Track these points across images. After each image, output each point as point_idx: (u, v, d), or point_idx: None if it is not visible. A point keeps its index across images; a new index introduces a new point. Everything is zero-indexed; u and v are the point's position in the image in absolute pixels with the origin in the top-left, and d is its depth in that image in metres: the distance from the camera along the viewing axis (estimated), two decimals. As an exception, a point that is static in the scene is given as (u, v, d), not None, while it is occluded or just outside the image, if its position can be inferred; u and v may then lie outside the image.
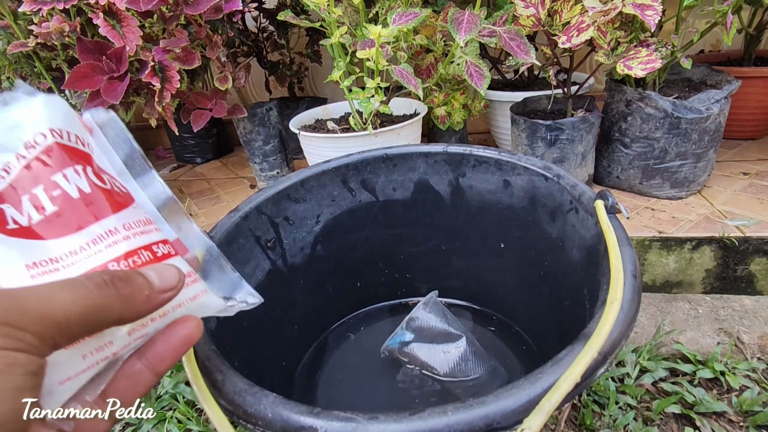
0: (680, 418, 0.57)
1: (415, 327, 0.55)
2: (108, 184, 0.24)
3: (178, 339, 0.22)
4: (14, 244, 0.21)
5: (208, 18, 0.90)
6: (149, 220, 0.25)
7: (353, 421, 0.23)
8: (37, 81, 0.92)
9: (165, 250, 0.24)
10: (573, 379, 0.24)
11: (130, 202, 0.24)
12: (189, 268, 0.25)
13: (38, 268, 0.21)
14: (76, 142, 0.23)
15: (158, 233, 0.25)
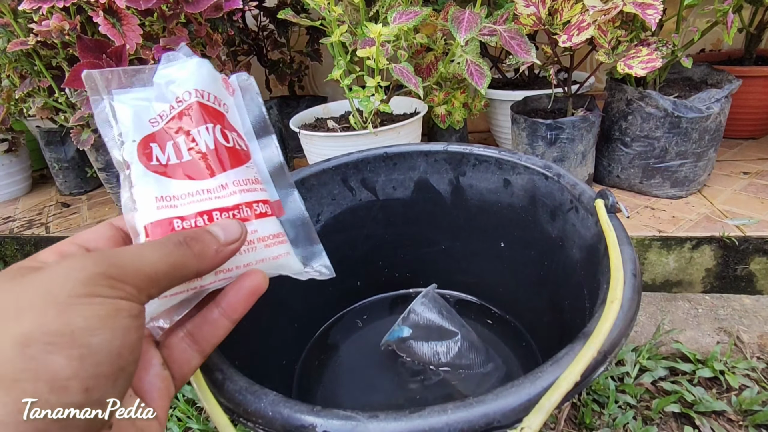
0: (680, 417, 0.58)
1: (412, 322, 0.55)
2: (231, 142, 0.27)
3: (246, 290, 0.25)
4: (152, 177, 0.25)
5: (208, 16, 0.90)
6: (257, 179, 0.28)
7: (353, 419, 0.23)
8: (37, 79, 0.92)
9: (263, 209, 0.27)
10: (573, 378, 0.24)
11: (246, 160, 0.28)
12: (280, 229, 0.28)
13: (162, 202, 0.25)
14: (214, 102, 0.27)
15: (262, 193, 0.28)
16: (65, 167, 1.26)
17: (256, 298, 0.26)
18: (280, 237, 0.28)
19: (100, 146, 0.98)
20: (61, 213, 1.20)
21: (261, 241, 0.27)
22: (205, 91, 0.27)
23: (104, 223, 0.26)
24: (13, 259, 1.13)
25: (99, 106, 0.26)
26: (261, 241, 0.27)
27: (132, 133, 0.26)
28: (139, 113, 0.26)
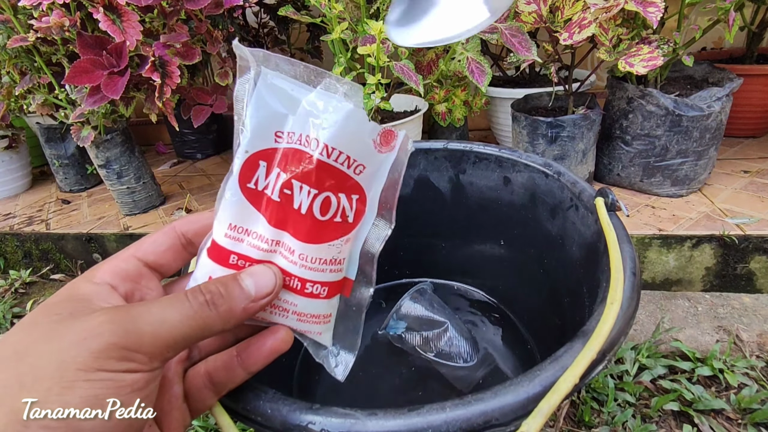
0: (679, 416, 0.58)
1: (403, 315, 0.56)
2: (330, 215, 0.24)
3: (268, 349, 0.25)
4: (240, 201, 0.23)
5: (208, 13, 0.89)
6: (335, 260, 0.25)
7: (352, 417, 0.24)
8: (37, 76, 0.92)
9: (317, 291, 0.25)
10: (572, 379, 0.24)
11: (334, 237, 0.24)
12: (327, 311, 0.26)
13: (233, 232, 0.23)
14: (343, 163, 0.23)
15: (331, 274, 0.25)
16: (65, 164, 1.26)
17: (277, 356, 0.25)
18: (322, 318, 0.26)
19: (100, 143, 0.98)
20: (61, 210, 1.20)
21: (295, 314, 0.25)
22: (337, 150, 0.23)
23: (167, 229, 0.25)
24: (13, 256, 1.13)
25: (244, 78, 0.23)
26: (296, 314, 0.25)
27: (249, 141, 0.23)
28: (270, 115, 0.23)
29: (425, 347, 0.54)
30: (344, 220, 0.24)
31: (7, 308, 0.95)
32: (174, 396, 0.24)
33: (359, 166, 0.24)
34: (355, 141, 0.23)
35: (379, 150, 0.24)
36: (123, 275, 0.22)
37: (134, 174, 1.05)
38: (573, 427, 0.57)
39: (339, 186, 0.24)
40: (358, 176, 0.24)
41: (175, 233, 0.25)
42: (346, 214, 0.24)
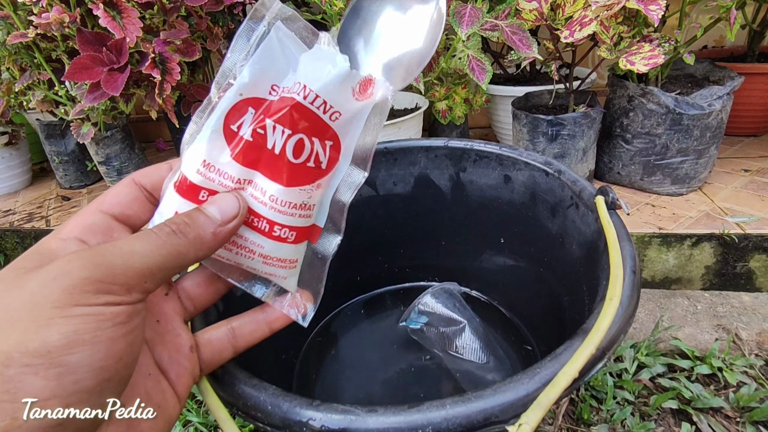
0: (677, 414, 0.58)
1: (423, 310, 0.56)
2: (303, 158, 0.23)
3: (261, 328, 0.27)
4: (218, 138, 0.23)
5: (208, 10, 0.89)
6: (305, 205, 0.25)
7: (352, 413, 0.24)
8: (37, 72, 0.91)
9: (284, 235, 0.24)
10: (571, 374, 0.24)
11: (306, 182, 0.24)
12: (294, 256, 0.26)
13: (205, 169, 0.23)
14: (320, 108, 0.23)
15: (300, 219, 0.25)
16: (65, 160, 1.26)
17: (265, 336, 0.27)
18: (288, 263, 0.26)
19: (101, 140, 0.98)
20: (61, 206, 1.20)
21: (261, 257, 0.25)
22: (314, 93, 0.23)
23: (126, 181, 0.24)
24: (13, 252, 1.13)
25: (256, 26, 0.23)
26: (262, 257, 0.25)
27: (246, 85, 0.23)
28: (271, 68, 0.23)
29: (441, 344, 0.55)
30: (317, 166, 0.24)
31: (7, 305, 0.95)
32: (181, 345, 0.24)
33: (335, 113, 0.24)
34: (332, 87, 0.23)
35: (356, 98, 0.24)
36: (92, 228, 0.22)
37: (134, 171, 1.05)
38: (572, 424, 0.58)
39: (313, 130, 0.23)
40: (333, 123, 0.24)
41: (135, 184, 0.24)
42: (320, 160, 0.24)
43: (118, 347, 0.17)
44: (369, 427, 0.23)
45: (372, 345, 0.59)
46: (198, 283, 0.27)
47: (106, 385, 0.17)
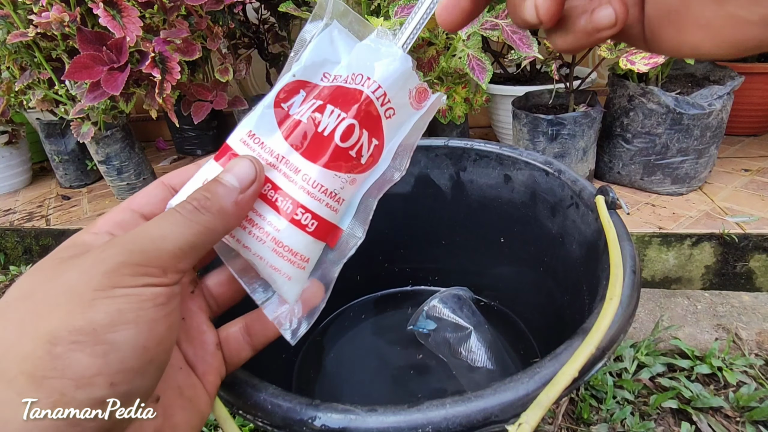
0: (677, 413, 0.58)
1: (431, 314, 0.56)
2: (351, 143, 0.23)
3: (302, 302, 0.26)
4: (269, 113, 0.24)
5: (208, 9, 0.89)
6: (336, 196, 0.24)
7: (352, 413, 0.24)
8: (37, 71, 0.91)
9: (308, 222, 0.23)
10: (571, 374, 0.24)
11: (346, 170, 0.24)
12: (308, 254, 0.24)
13: (249, 138, 0.24)
14: (383, 104, 0.24)
15: (327, 210, 0.24)
16: (65, 160, 1.26)
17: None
18: (299, 259, 0.24)
19: (101, 139, 0.98)
20: (61, 205, 1.20)
21: (273, 242, 0.23)
22: (384, 91, 0.24)
23: (156, 183, 0.25)
24: (13, 251, 1.13)
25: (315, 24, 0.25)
26: (274, 242, 0.23)
27: (300, 69, 0.24)
28: (325, 58, 0.25)
29: (447, 349, 0.55)
30: (358, 158, 0.24)
31: (7, 304, 0.95)
32: (207, 342, 0.25)
33: (390, 108, 0.24)
34: (399, 87, 0.24)
35: (411, 103, 0.25)
36: (122, 225, 0.22)
37: (134, 170, 1.05)
38: (572, 424, 0.58)
39: (366, 120, 0.24)
40: (387, 120, 0.24)
41: (165, 186, 0.25)
42: (362, 153, 0.24)
43: (159, 329, 0.18)
44: (369, 426, 0.23)
45: (372, 345, 0.59)
46: (221, 282, 0.27)
47: (148, 367, 0.17)
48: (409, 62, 0.24)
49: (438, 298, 0.58)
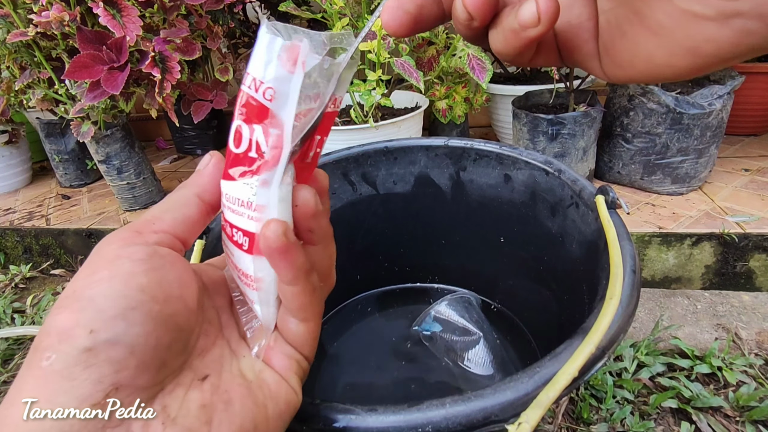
0: (677, 413, 0.58)
1: (438, 317, 0.56)
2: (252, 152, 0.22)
3: None
4: None
5: (208, 8, 0.89)
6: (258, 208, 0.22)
7: (352, 412, 0.24)
8: (37, 71, 0.91)
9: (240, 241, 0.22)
10: (571, 373, 0.24)
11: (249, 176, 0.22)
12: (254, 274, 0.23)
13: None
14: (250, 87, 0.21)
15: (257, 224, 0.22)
16: (65, 159, 1.26)
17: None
18: (251, 280, 0.22)
19: (100, 138, 0.98)
20: (61, 205, 1.20)
21: (233, 266, 0.23)
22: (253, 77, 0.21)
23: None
24: (13, 251, 1.13)
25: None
26: (234, 266, 0.23)
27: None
28: None
29: (451, 354, 0.55)
30: (260, 156, 0.21)
31: (7, 303, 0.95)
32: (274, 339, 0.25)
33: (268, 89, 0.21)
34: (261, 61, 0.21)
35: (288, 70, 0.21)
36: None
37: (134, 169, 1.05)
38: (572, 423, 0.58)
39: (251, 116, 0.21)
40: (271, 102, 0.21)
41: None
42: (261, 149, 0.21)
43: (137, 280, 0.18)
44: (369, 425, 0.23)
45: (372, 344, 0.59)
46: None
47: (129, 313, 0.18)
48: (263, 32, 0.21)
49: (446, 302, 0.58)
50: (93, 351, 0.17)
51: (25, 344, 0.85)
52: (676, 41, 0.15)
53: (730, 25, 0.14)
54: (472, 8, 0.17)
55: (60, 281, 1.06)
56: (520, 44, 0.17)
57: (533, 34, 0.16)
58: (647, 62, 0.16)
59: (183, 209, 0.22)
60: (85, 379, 0.16)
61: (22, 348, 0.84)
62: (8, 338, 0.85)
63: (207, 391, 0.20)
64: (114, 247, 0.19)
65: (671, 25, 0.15)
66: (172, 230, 0.21)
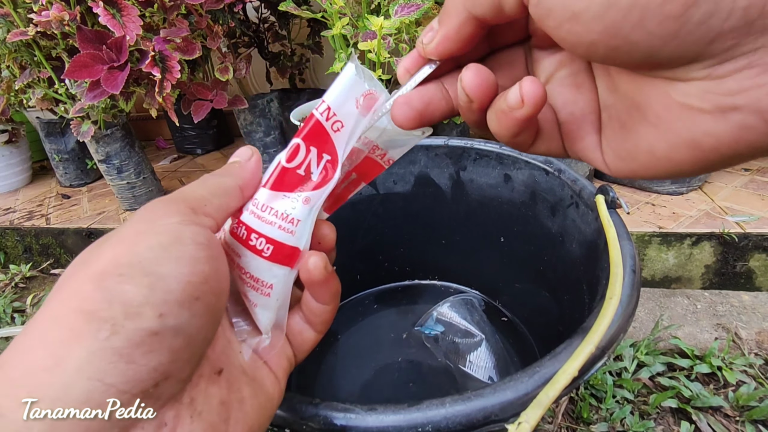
0: (677, 413, 0.58)
1: (441, 319, 0.56)
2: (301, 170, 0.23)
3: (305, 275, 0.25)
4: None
5: (208, 8, 0.89)
6: (293, 221, 0.23)
7: (352, 412, 0.24)
8: (37, 70, 0.91)
9: (262, 247, 0.23)
10: (571, 373, 0.24)
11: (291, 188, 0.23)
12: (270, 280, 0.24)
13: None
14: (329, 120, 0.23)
15: (289, 236, 0.23)
16: (65, 159, 1.26)
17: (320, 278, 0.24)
18: (261, 285, 0.23)
19: (101, 138, 0.98)
20: (61, 204, 1.20)
21: (239, 269, 0.23)
22: (328, 106, 0.23)
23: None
24: (13, 250, 1.13)
25: None
26: (239, 268, 0.23)
27: None
28: None
29: (454, 355, 0.55)
30: (308, 176, 0.23)
31: (7, 302, 0.96)
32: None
33: (337, 121, 0.23)
34: (341, 97, 0.23)
35: (360, 112, 0.24)
36: None
37: (134, 169, 1.05)
38: (571, 423, 0.58)
39: (312, 139, 0.23)
40: (335, 134, 0.23)
41: None
42: (311, 170, 0.23)
43: (202, 267, 0.18)
44: (369, 425, 0.23)
45: (372, 343, 0.60)
46: None
47: (194, 304, 0.17)
48: (351, 72, 0.23)
49: (449, 303, 0.58)
50: (159, 336, 0.16)
51: (25, 344, 0.85)
52: (675, 134, 0.15)
53: (728, 119, 0.14)
54: (470, 90, 0.18)
55: (60, 281, 1.06)
56: (510, 125, 0.18)
57: (519, 116, 0.18)
58: (648, 154, 0.17)
59: (227, 198, 0.22)
60: (144, 364, 0.16)
61: (22, 347, 0.84)
62: (8, 338, 0.85)
63: (224, 388, 0.20)
64: (175, 220, 0.18)
65: (670, 118, 0.15)
66: (216, 216, 0.21)
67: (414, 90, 0.21)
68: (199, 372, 0.19)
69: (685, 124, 0.15)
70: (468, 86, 0.18)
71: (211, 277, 0.18)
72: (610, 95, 0.18)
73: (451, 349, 0.55)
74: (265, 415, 0.22)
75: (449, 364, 0.54)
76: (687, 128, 0.15)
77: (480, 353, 0.54)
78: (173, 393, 0.18)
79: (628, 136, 0.17)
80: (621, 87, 0.17)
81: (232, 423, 0.19)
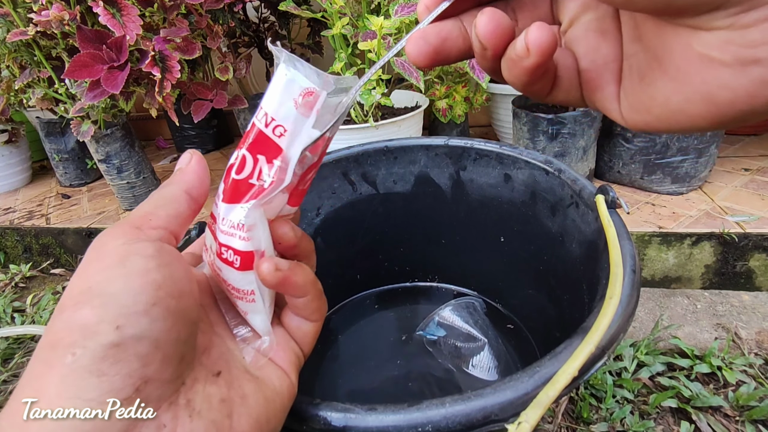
0: (677, 413, 0.58)
1: (442, 323, 0.56)
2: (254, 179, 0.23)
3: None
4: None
5: (208, 7, 0.89)
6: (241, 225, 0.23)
7: (352, 412, 0.24)
8: (37, 70, 0.91)
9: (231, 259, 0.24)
10: (571, 372, 0.24)
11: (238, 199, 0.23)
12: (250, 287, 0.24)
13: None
14: (273, 131, 0.23)
15: (248, 243, 0.23)
16: (65, 158, 1.26)
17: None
18: (243, 294, 0.24)
19: (100, 138, 0.98)
20: (61, 204, 1.20)
21: (224, 281, 0.24)
22: (265, 112, 0.22)
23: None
24: (13, 250, 1.13)
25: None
26: (224, 281, 0.24)
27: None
28: None
29: (456, 359, 0.54)
30: (260, 184, 0.23)
31: (7, 302, 0.96)
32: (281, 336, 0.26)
33: (278, 126, 0.22)
34: (275, 101, 0.22)
35: (301, 113, 0.23)
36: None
37: (134, 169, 1.05)
38: (571, 423, 0.58)
39: (257, 147, 0.23)
40: (280, 138, 0.23)
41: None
42: (262, 178, 0.23)
43: (152, 276, 0.19)
44: (369, 425, 0.23)
45: (372, 343, 0.59)
46: None
47: (152, 309, 0.18)
48: (282, 73, 0.22)
49: (451, 307, 0.58)
50: (121, 346, 0.17)
51: (25, 343, 0.85)
52: (692, 86, 0.15)
53: (747, 73, 0.14)
54: (483, 36, 0.18)
55: (60, 280, 1.06)
56: (519, 74, 0.18)
57: (527, 64, 0.17)
58: (663, 107, 0.17)
59: (174, 205, 0.22)
60: (115, 374, 0.17)
61: (22, 347, 0.84)
62: (8, 337, 0.85)
63: (223, 387, 0.21)
64: (120, 242, 0.19)
65: (688, 69, 0.15)
66: (166, 226, 0.22)
67: (430, 25, 0.20)
68: (193, 376, 0.20)
69: (703, 76, 0.15)
70: (482, 32, 0.18)
71: (165, 283, 0.19)
72: (633, 44, 0.18)
73: (453, 353, 0.55)
74: (273, 407, 0.22)
75: (452, 368, 0.54)
76: (704, 81, 0.15)
77: (483, 357, 0.54)
78: (163, 394, 0.18)
79: (646, 88, 0.17)
80: (645, 36, 0.17)
81: (236, 417, 0.20)
